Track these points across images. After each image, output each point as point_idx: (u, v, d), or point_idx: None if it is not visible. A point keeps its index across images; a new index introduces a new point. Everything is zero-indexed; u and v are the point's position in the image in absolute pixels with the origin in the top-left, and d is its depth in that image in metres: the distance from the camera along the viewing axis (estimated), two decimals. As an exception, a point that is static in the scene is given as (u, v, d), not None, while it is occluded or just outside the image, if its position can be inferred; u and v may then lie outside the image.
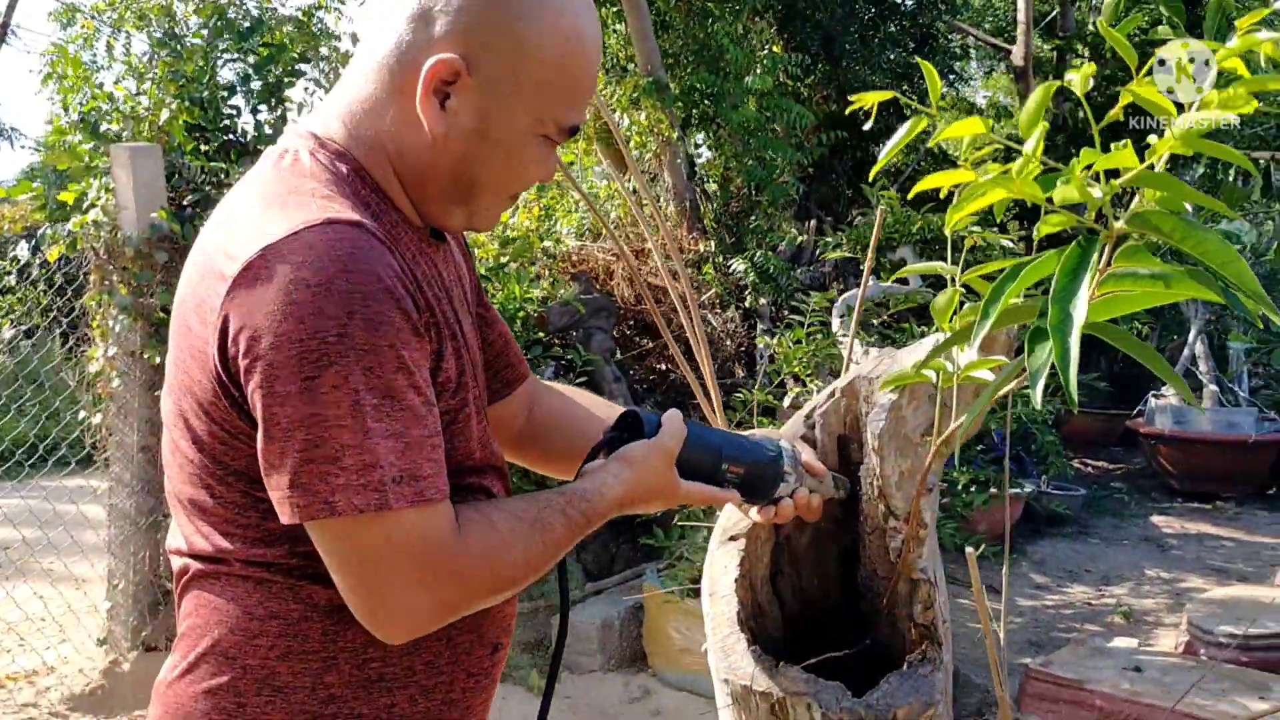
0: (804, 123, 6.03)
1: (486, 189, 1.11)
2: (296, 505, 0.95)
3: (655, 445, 1.19)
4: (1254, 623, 4.15)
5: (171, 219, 3.27)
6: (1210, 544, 6.02)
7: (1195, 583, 5.29)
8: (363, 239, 0.96)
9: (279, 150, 1.10)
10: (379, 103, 1.07)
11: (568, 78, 1.06)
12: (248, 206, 1.03)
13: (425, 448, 0.98)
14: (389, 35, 1.05)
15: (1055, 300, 0.82)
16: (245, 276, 0.95)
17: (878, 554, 1.37)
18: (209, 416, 1.02)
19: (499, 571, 1.04)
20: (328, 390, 0.92)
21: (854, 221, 7.51)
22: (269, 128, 3.91)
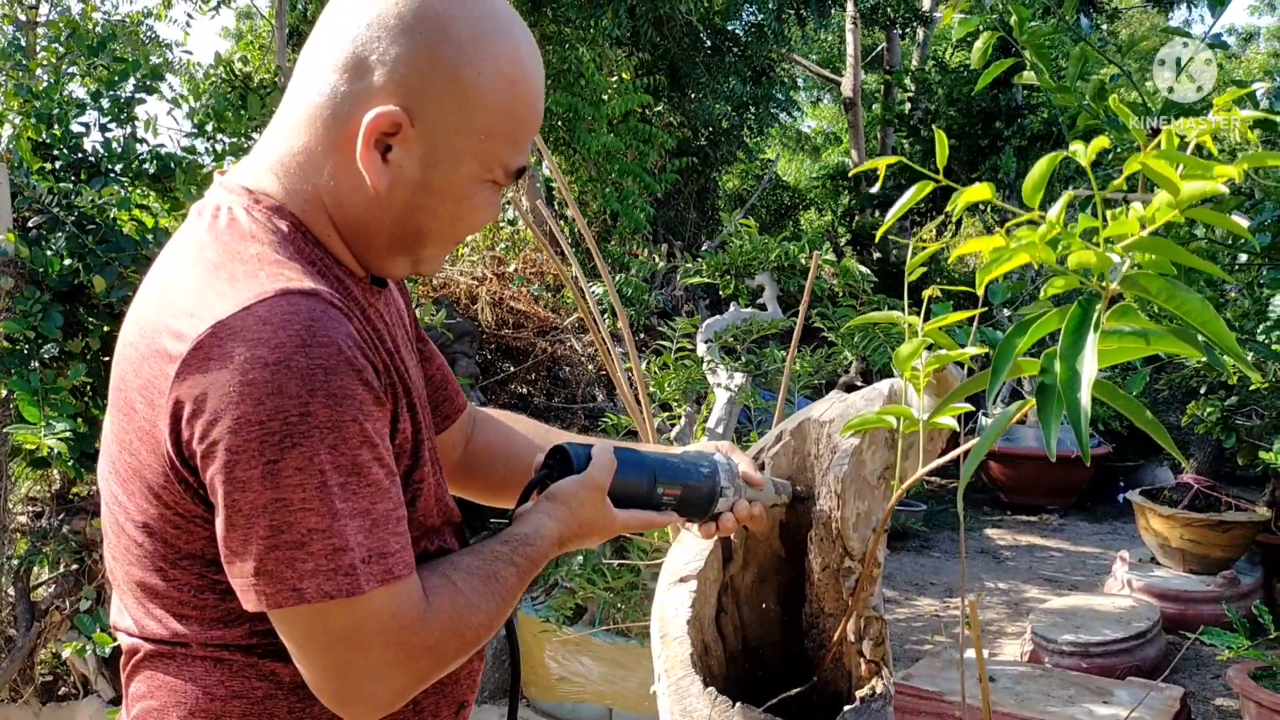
0: (663, 149, 6.12)
1: (433, 238, 1.07)
2: (263, 593, 0.91)
3: (585, 480, 1.18)
4: (1091, 630, 4.42)
5: (20, 242, 3.06)
6: (1040, 555, 6.38)
7: (1031, 592, 5.60)
8: (319, 309, 0.91)
9: (210, 208, 1.03)
10: (313, 156, 1.02)
11: (513, 121, 1.04)
12: (187, 276, 0.96)
13: (391, 522, 0.95)
14: (319, 85, 1.00)
15: (1063, 358, 0.87)
16: (196, 356, 0.89)
17: (827, 593, 1.40)
18: (160, 500, 0.96)
19: (465, 635, 1.02)
20: (291, 473, 0.88)
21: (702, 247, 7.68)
22: (117, 145, 3.71)
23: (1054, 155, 0.90)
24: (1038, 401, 0.88)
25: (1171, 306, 0.90)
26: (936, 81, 9.17)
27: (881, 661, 1.36)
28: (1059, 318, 0.89)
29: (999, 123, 8.26)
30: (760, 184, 9.83)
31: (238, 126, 3.94)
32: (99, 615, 3.22)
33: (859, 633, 1.38)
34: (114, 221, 3.49)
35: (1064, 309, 0.90)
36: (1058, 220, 0.86)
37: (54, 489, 3.68)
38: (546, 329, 5.46)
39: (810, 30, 9.83)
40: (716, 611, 1.51)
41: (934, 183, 0.99)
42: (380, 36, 0.98)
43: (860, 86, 12.39)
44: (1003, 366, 0.90)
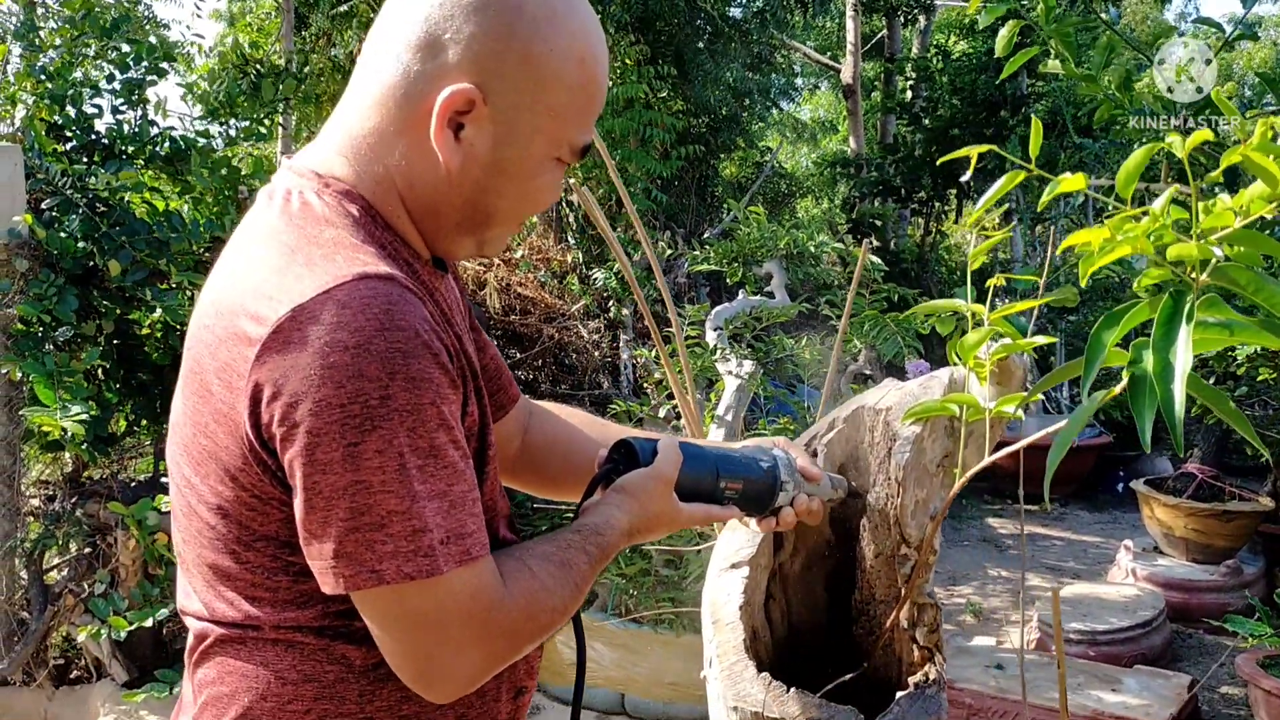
0: (669, 136, 6.10)
1: (501, 218, 1.08)
2: (341, 575, 0.92)
3: (653, 473, 1.19)
4: (1098, 619, 4.45)
5: (37, 225, 3.04)
6: (1042, 544, 6.41)
7: (1034, 581, 5.63)
8: (396, 293, 0.92)
9: (280, 192, 1.03)
10: (385, 137, 1.02)
11: (584, 99, 1.05)
12: (264, 260, 0.97)
13: (467, 503, 0.95)
14: (391, 66, 1.01)
15: (1156, 349, 0.87)
16: (276, 340, 0.89)
17: (879, 579, 1.41)
18: (236, 483, 0.96)
19: (540, 619, 1.03)
20: (372, 455, 0.89)
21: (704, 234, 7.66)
22: (129, 127, 3.69)
23: (1150, 147, 0.90)
24: (1130, 393, 0.88)
25: (1260, 299, 0.90)
26: (939, 70, 9.15)
27: (935, 648, 1.37)
28: (1149, 309, 0.89)
29: (1004, 112, 8.26)
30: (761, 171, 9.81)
31: (251, 111, 3.93)
32: (113, 598, 3.22)
33: (912, 619, 1.39)
34: (127, 204, 3.47)
35: (1154, 300, 0.90)
36: (1162, 213, 0.86)
37: (66, 472, 3.67)
38: (553, 315, 5.45)
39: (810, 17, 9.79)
40: (765, 598, 1.51)
41: (1026, 172, 0.98)
42: (454, 15, 0.98)
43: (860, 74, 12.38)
44: (1096, 357, 0.91)
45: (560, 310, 5.57)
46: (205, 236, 3.47)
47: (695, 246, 5.83)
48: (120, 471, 3.89)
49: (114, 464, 3.82)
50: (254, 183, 3.87)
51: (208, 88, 4.06)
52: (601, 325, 5.81)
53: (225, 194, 3.74)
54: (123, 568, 3.37)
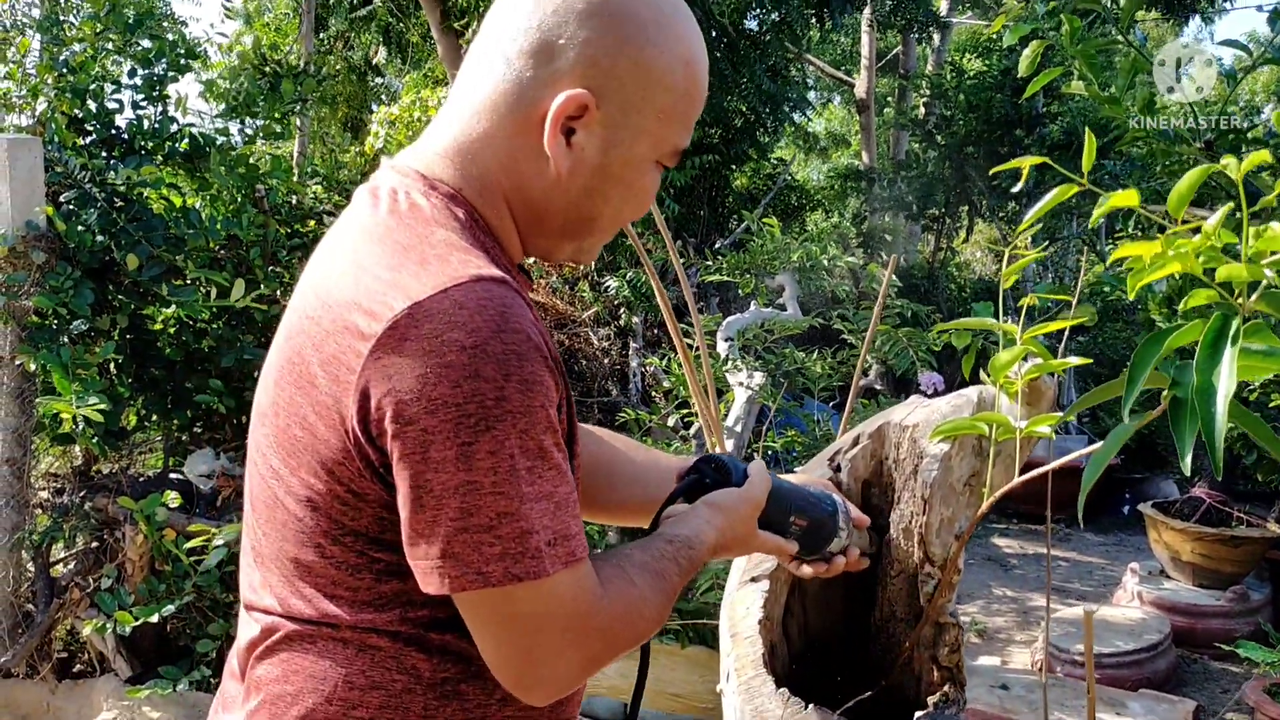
0: (684, 146, 6.10)
1: (604, 222, 1.09)
2: (447, 575, 0.91)
3: (746, 494, 1.20)
4: (1103, 641, 4.43)
5: (56, 217, 3.04)
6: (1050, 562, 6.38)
7: (1040, 601, 5.60)
8: (509, 296, 0.92)
9: (386, 190, 1.04)
10: (494, 141, 1.03)
11: (687, 101, 1.06)
12: (377, 256, 0.97)
13: (570, 505, 0.96)
14: (502, 72, 1.02)
15: (1199, 370, 0.86)
16: (391, 336, 0.89)
17: (900, 597, 1.40)
18: (333, 476, 0.96)
19: (637, 625, 1.03)
20: (484, 456, 0.89)
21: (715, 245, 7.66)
22: (149, 123, 3.70)
23: (1204, 169, 0.89)
24: (1170, 415, 0.88)
25: (1306, 329, 0.90)
26: (954, 87, 9.15)
27: (956, 668, 1.36)
28: (1195, 330, 0.89)
29: (1019, 130, 8.26)
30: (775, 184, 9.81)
31: (270, 110, 3.93)
32: (119, 593, 3.21)
33: (933, 639, 1.38)
34: (145, 200, 3.48)
35: (1199, 322, 0.89)
36: (1214, 231, 0.85)
37: (75, 466, 3.67)
38: (564, 322, 5.45)
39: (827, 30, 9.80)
40: (784, 613, 1.50)
41: (1078, 186, 0.98)
42: (568, 21, 1.00)
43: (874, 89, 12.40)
44: (1139, 376, 0.90)
45: (571, 317, 5.57)
46: (222, 234, 3.47)
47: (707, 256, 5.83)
48: (130, 466, 3.89)
49: (124, 459, 3.82)
50: (271, 181, 3.88)
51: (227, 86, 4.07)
52: (611, 333, 5.81)
53: (242, 192, 3.75)
54: (129, 563, 3.36)
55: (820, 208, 14.33)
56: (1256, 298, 0.89)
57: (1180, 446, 0.87)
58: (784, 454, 4.34)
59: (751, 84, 8.21)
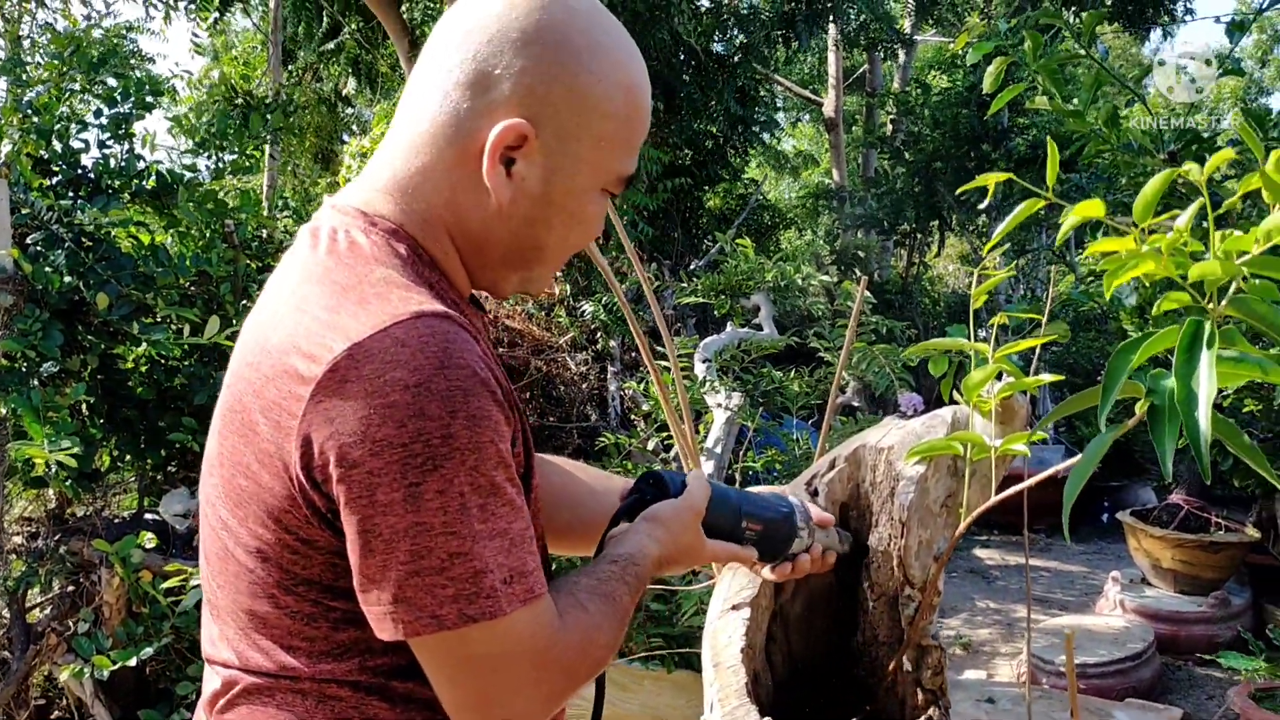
0: (656, 169, 6.12)
1: (549, 252, 1.08)
2: (400, 621, 0.89)
3: (685, 504, 1.19)
4: (1087, 651, 4.44)
5: (23, 259, 3.02)
6: (1029, 574, 6.40)
7: (1022, 612, 5.62)
8: (453, 331, 0.91)
9: (326, 230, 1.02)
10: (433, 175, 1.02)
11: (629, 127, 1.05)
12: (315, 298, 0.95)
13: (526, 540, 0.94)
14: (440, 104, 1.01)
15: (1179, 377, 0.86)
16: (331, 379, 0.88)
17: (881, 621, 1.40)
18: (280, 525, 0.94)
19: (595, 654, 1.02)
20: (432, 496, 0.87)
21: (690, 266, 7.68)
22: (115, 162, 3.68)
23: (1167, 173, 0.90)
24: (1150, 423, 0.88)
25: (1275, 332, 0.90)
26: (920, 104, 9.23)
27: (940, 691, 1.36)
28: (1168, 337, 0.89)
29: (986, 145, 8.34)
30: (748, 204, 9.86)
31: (239, 144, 3.92)
32: (96, 637, 3.17)
33: (916, 662, 1.38)
34: (113, 238, 3.46)
35: (1172, 329, 0.89)
36: (1186, 228, 0.86)
37: (49, 509, 3.62)
38: (541, 347, 5.44)
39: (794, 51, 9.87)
40: (766, 640, 1.50)
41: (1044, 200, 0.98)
42: (503, 50, 0.99)
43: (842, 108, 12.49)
44: (1114, 384, 0.90)
45: (548, 342, 5.56)
46: (191, 270, 3.45)
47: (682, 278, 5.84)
48: (104, 508, 3.85)
49: (98, 501, 3.78)
50: (240, 216, 3.86)
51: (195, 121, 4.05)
52: (589, 357, 5.80)
53: (212, 228, 3.73)
54: (106, 606, 3.32)
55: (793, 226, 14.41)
56: (1226, 303, 0.90)
57: (1161, 453, 0.87)
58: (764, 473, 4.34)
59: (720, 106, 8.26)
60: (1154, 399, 0.89)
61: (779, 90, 13.93)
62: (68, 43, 3.40)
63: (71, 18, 7.84)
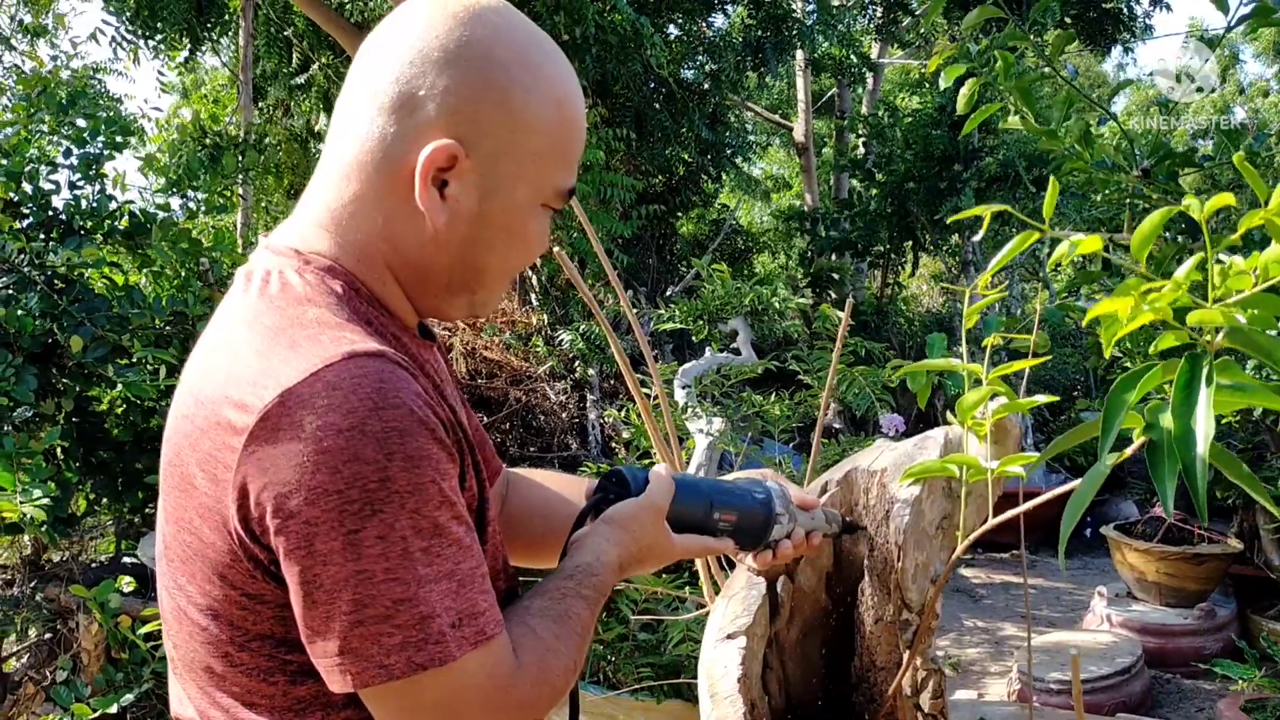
0: (629, 196, 6.13)
1: (491, 273, 1.05)
2: (349, 672, 0.87)
3: (645, 503, 1.15)
4: (1077, 667, 4.43)
5: (-6, 303, 2.98)
6: (1016, 592, 6.40)
7: (1010, 630, 5.61)
8: (387, 369, 0.88)
9: (259, 273, 0.99)
10: (365, 204, 0.99)
11: (564, 141, 1.03)
12: (246, 344, 0.93)
13: (476, 580, 0.91)
14: (366, 131, 0.98)
15: (1176, 415, 0.86)
16: (264, 427, 0.85)
17: (879, 646, 1.38)
18: (225, 581, 0.92)
19: (553, 682, 0.99)
20: (373, 543, 0.85)
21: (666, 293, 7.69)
22: (87, 202, 3.64)
23: (1166, 210, 0.89)
24: (1149, 459, 0.87)
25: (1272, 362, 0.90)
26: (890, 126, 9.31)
27: (940, 715, 1.34)
28: (1165, 371, 0.88)
29: (957, 165, 8.41)
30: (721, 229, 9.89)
31: (212, 182, 3.89)
32: (75, 685, 3.11)
33: (915, 686, 1.36)
34: (86, 280, 3.42)
35: (1170, 363, 0.89)
36: (1185, 281, 0.85)
37: (24, 555, 3.56)
38: (520, 378, 5.42)
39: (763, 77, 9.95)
40: (762, 668, 1.48)
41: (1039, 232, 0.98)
42: (426, 71, 0.96)
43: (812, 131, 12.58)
44: (1115, 418, 0.89)
45: (526, 372, 5.55)
46: (167, 310, 3.42)
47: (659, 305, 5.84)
48: (81, 553, 3.79)
49: (74, 545, 3.72)
50: (215, 254, 3.83)
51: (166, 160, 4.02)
52: (568, 386, 5.78)
53: (187, 267, 3.70)
54: (85, 653, 3.26)
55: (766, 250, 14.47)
56: (1223, 336, 0.89)
57: (1161, 491, 0.86)
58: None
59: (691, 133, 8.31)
60: (1153, 434, 0.88)
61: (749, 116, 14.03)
62: (35, 84, 3.37)
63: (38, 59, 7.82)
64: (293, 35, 7.90)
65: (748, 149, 10.88)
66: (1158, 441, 0.87)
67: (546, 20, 6.13)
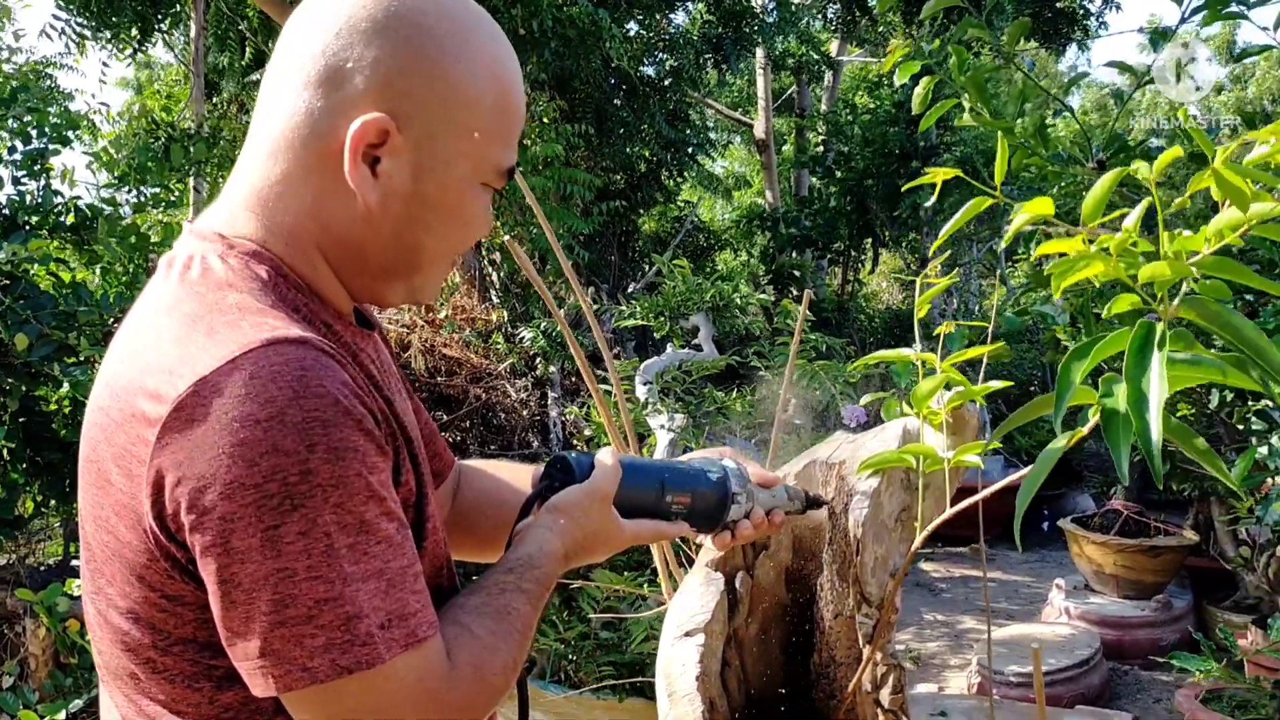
0: (589, 193, 6.10)
1: (431, 255, 1.01)
2: (271, 675, 0.83)
3: (589, 489, 1.11)
4: (1036, 659, 4.46)
5: (-66, 300, 2.90)
6: (975, 585, 6.44)
7: (970, 624, 5.64)
8: (310, 357, 0.84)
9: (181, 258, 0.95)
10: (293, 183, 0.95)
11: (502, 115, 0.99)
12: (161, 333, 0.88)
13: (408, 579, 0.87)
14: (292, 106, 0.94)
15: (1129, 379, 0.84)
16: (177, 418, 0.81)
17: (839, 641, 1.37)
18: (144, 582, 0.87)
19: (492, 683, 0.95)
20: (294, 539, 0.81)
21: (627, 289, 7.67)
22: (32, 198, 3.56)
23: (1117, 172, 0.88)
24: (1104, 428, 0.86)
25: (1227, 333, 0.89)
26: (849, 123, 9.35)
27: (901, 710, 1.33)
28: (1120, 340, 0.87)
29: (915, 162, 8.45)
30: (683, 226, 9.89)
31: (161, 177, 3.82)
32: (22, 691, 3.03)
33: (875, 681, 1.34)
34: (31, 277, 3.34)
35: (1122, 332, 0.87)
36: (1134, 228, 0.84)
37: (-32, 560, 3.48)
38: (480, 375, 5.37)
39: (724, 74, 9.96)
40: (721, 665, 1.46)
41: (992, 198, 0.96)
42: (353, 42, 0.92)
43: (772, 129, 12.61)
44: (1066, 391, 0.88)
45: (486, 370, 5.50)
46: (115, 308, 3.34)
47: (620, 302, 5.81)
48: (29, 556, 3.70)
49: (21, 548, 3.64)
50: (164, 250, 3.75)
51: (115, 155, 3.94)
52: (529, 383, 5.74)
53: (135, 263, 3.62)
54: (32, 658, 3.18)
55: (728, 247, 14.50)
56: (1178, 303, 0.88)
57: (1116, 457, 0.84)
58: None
59: (652, 129, 8.29)
60: (1107, 403, 0.87)
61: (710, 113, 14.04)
62: (-22, 77, 3.29)
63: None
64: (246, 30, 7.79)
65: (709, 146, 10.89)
66: (1112, 409, 0.85)
67: (504, 14, 6.08)
